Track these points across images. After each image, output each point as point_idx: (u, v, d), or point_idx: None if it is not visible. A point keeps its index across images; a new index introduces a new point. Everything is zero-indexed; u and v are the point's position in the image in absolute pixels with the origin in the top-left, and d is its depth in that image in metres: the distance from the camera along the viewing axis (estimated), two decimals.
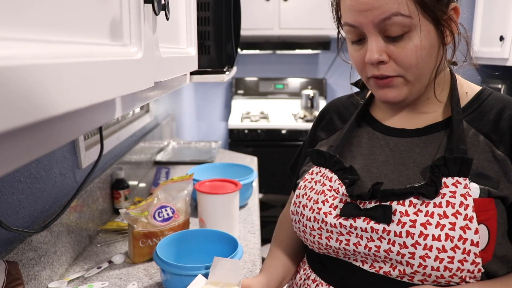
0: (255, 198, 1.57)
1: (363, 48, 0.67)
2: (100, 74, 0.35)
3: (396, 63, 0.65)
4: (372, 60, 0.65)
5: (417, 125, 0.72)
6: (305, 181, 0.77)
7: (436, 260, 0.59)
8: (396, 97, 0.68)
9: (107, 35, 0.41)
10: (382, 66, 0.65)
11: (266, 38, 3.05)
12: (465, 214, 0.59)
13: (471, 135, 0.66)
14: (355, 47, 0.69)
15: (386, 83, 0.67)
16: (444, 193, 0.61)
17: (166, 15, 0.60)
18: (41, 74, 0.26)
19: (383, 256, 0.65)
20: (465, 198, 0.60)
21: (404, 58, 0.64)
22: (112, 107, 0.49)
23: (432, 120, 0.72)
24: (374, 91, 0.71)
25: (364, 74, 0.70)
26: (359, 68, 0.71)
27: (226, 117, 3.56)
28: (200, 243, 1.03)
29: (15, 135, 0.27)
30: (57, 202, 1.05)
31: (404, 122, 0.74)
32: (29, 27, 0.27)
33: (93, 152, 1.24)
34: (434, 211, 0.61)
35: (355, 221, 0.66)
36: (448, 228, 0.59)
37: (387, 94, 0.68)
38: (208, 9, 1.14)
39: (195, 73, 1.10)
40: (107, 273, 1.04)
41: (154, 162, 1.97)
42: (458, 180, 0.61)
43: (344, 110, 0.85)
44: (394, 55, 0.64)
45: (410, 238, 0.61)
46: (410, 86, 0.67)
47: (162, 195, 1.13)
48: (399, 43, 0.63)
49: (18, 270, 0.75)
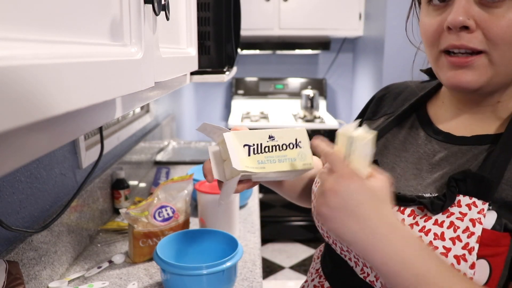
0: (255, 198, 1.57)
1: (445, 13, 0.55)
2: (100, 74, 0.36)
3: (485, 35, 0.52)
4: (455, 22, 0.52)
5: (466, 133, 0.61)
6: None
7: None
8: (471, 82, 0.55)
9: (107, 35, 0.41)
10: (465, 34, 0.52)
11: (266, 38, 3.05)
12: (466, 242, 0.51)
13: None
14: (432, 12, 0.57)
15: (464, 62, 0.54)
16: (453, 212, 0.53)
17: (166, 15, 0.60)
18: (41, 74, 0.26)
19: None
20: (473, 224, 0.51)
21: (498, 29, 0.51)
22: (112, 107, 0.49)
23: (484, 131, 0.60)
24: (443, 73, 0.58)
25: (436, 47, 0.57)
26: (430, 39, 0.57)
27: (226, 117, 3.56)
28: (200, 243, 1.03)
29: (15, 135, 0.27)
30: (58, 202, 1.05)
31: (456, 126, 0.63)
32: (29, 27, 0.27)
33: (94, 152, 1.25)
34: (431, 229, 0.53)
35: None
36: (440, 253, 0.51)
37: (461, 77, 0.55)
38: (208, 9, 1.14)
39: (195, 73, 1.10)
40: (108, 273, 1.04)
41: (154, 162, 1.97)
42: (476, 203, 0.52)
43: (401, 97, 0.75)
44: (485, 23, 0.51)
45: None
46: (493, 71, 0.54)
47: (162, 195, 1.13)
48: (495, 10, 0.51)
49: (19, 269, 0.75)
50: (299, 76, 3.44)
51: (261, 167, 0.64)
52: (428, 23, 0.58)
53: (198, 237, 1.03)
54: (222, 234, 1.02)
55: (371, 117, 0.78)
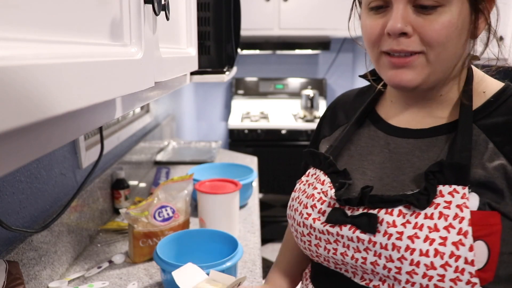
0: (255, 198, 1.57)
1: (384, 17, 0.59)
2: (100, 74, 0.36)
3: (421, 38, 0.57)
4: (394, 29, 0.56)
5: (423, 125, 0.65)
6: (301, 183, 0.73)
7: (424, 277, 0.53)
8: (411, 81, 0.59)
9: (107, 35, 0.41)
10: (404, 40, 0.57)
11: (266, 38, 3.05)
12: (459, 227, 0.53)
13: (480, 141, 0.58)
14: (373, 15, 0.61)
15: (403, 63, 0.59)
16: (438, 203, 0.55)
17: (166, 15, 0.60)
18: (41, 74, 0.26)
19: (370, 270, 0.59)
20: (461, 209, 0.54)
21: (432, 32, 0.56)
22: (113, 107, 0.49)
23: (438, 122, 0.64)
24: (384, 72, 0.62)
25: (377, 48, 0.61)
26: (372, 41, 0.61)
27: (226, 117, 3.56)
28: (200, 243, 1.03)
29: (16, 135, 0.27)
30: (58, 202, 1.05)
31: (410, 121, 0.67)
32: (30, 27, 0.27)
33: (94, 152, 1.25)
34: (424, 223, 0.54)
35: (341, 229, 0.61)
36: (438, 243, 0.53)
37: (402, 76, 0.59)
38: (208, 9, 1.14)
39: (195, 73, 1.10)
40: (108, 273, 1.04)
41: (154, 162, 1.97)
42: (456, 189, 0.55)
43: (350, 106, 0.79)
44: (421, 28, 0.56)
45: (396, 252, 0.55)
46: (430, 69, 0.59)
47: (162, 195, 1.13)
48: (429, 16, 0.56)
49: (19, 269, 0.75)
50: (299, 76, 3.44)
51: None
52: (369, 26, 0.61)
53: (198, 237, 1.03)
54: (222, 234, 1.02)
55: (328, 135, 0.79)
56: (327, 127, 0.81)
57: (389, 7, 0.59)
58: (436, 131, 0.64)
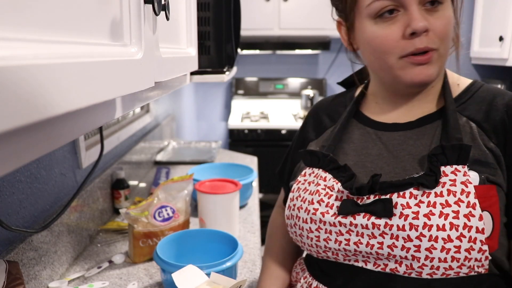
0: (255, 198, 1.57)
1: (395, 23, 0.62)
2: (100, 74, 0.36)
3: (435, 34, 0.62)
4: (421, 27, 0.60)
5: (409, 118, 0.70)
6: (298, 183, 0.74)
7: (442, 250, 0.57)
8: (431, 75, 0.64)
9: (107, 35, 0.41)
10: (424, 37, 0.61)
11: (266, 38, 3.05)
12: (468, 201, 0.58)
13: (463, 123, 0.65)
14: (381, 24, 0.64)
15: (427, 59, 0.62)
16: (444, 182, 0.60)
17: (166, 15, 0.60)
18: (41, 74, 0.26)
19: (387, 253, 0.62)
20: (465, 185, 0.59)
21: (443, 27, 0.61)
22: (112, 107, 0.49)
23: (424, 113, 0.70)
24: (405, 73, 0.64)
25: (396, 53, 0.64)
26: (389, 47, 0.64)
27: (226, 117, 3.56)
28: (200, 243, 1.03)
29: (15, 135, 0.27)
30: (58, 202, 1.05)
31: (398, 117, 0.72)
32: (29, 27, 0.27)
33: (94, 152, 1.25)
34: (436, 201, 0.59)
35: (354, 218, 0.63)
36: (452, 217, 0.58)
37: (424, 72, 0.63)
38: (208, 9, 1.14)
39: (195, 73, 1.10)
40: (108, 273, 1.04)
41: (154, 162, 1.97)
42: (457, 168, 0.60)
43: (332, 110, 0.83)
44: (433, 25, 0.61)
45: (414, 231, 0.59)
46: (441, 62, 0.65)
47: (162, 195, 1.13)
48: (436, 13, 0.61)
49: (19, 269, 0.75)
50: (299, 76, 3.44)
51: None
52: (383, 34, 0.64)
53: (198, 237, 1.03)
54: (222, 234, 1.02)
55: (315, 138, 0.82)
56: (313, 131, 0.83)
57: (398, 12, 0.62)
58: (424, 121, 0.69)
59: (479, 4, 2.94)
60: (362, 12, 0.65)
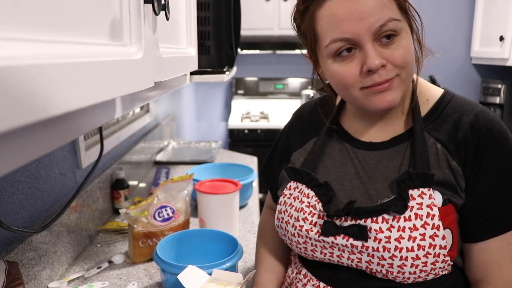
0: (255, 198, 1.57)
1: (353, 61, 0.66)
2: (100, 74, 0.36)
3: (394, 65, 0.65)
4: (376, 65, 0.64)
5: (384, 137, 0.75)
6: (285, 197, 0.79)
7: (412, 267, 0.65)
8: (393, 101, 0.67)
9: (107, 35, 0.41)
10: (382, 71, 0.65)
11: (266, 38, 3.05)
12: (432, 223, 0.65)
13: (430, 144, 0.70)
14: (340, 63, 0.68)
15: (386, 87, 0.66)
16: (412, 205, 0.66)
17: (166, 15, 0.60)
18: (40, 74, 0.26)
19: (365, 266, 0.70)
20: (431, 208, 0.65)
21: (400, 57, 0.65)
22: (112, 107, 0.49)
23: (396, 131, 0.74)
24: (367, 102, 0.68)
25: (357, 86, 0.68)
26: (348, 84, 0.68)
27: (226, 117, 3.56)
28: (200, 243, 1.03)
29: (15, 135, 0.27)
30: (57, 202, 1.05)
31: (373, 135, 0.76)
32: (29, 27, 0.27)
33: (93, 152, 1.25)
34: (405, 226, 0.65)
35: (335, 239, 0.70)
36: (419, 239, 0.64)
37: (386, 98, 0.67)
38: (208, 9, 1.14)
39: (195, 73, 1.10)
40: (107, 273, 1.04)
41: (154, 162, 1.97)
42: (423, 191, 0.66)
43: (314, 118, 0.85)
44: (390, 57, 0.65)
45: (387, 252, 0.65)
46: (403, 87, 0.68)
47: (162, 195, 1.13)
48: (392, 45, 0.65)
49: (18, 270, 0.75)
50: (299, 76, 3.44)
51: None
52: (342, 72, 0.68)
53: (198, 237, 1.03)
54: (222, 234, 1.02)
55: (298, 147, 0.85)
56: (296, 140, 0.87)
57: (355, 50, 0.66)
58: (396, 141, 0.74)
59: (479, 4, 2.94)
60: (322, 51, 0.70)
